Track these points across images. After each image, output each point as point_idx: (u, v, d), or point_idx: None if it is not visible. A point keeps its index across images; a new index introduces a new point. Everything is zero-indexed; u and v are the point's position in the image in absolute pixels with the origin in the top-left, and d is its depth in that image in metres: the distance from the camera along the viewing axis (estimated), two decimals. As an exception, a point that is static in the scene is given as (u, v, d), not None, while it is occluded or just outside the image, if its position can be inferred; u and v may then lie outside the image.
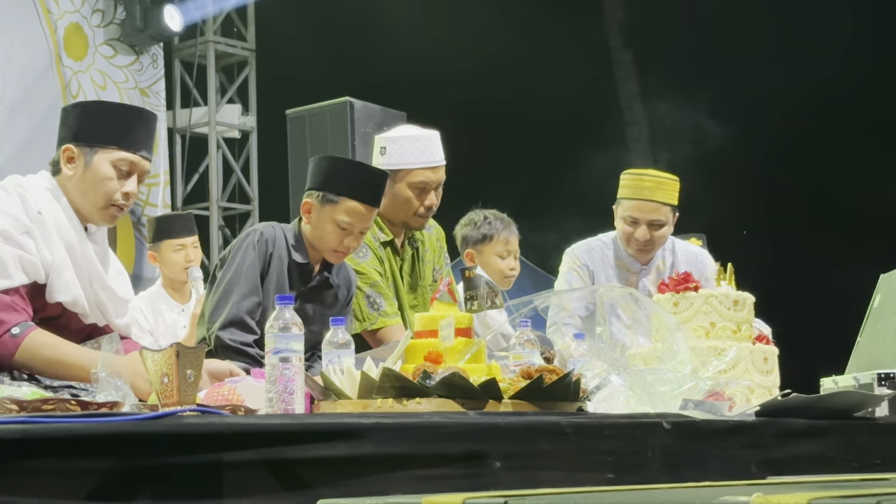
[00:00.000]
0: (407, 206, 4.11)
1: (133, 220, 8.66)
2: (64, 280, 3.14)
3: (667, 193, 4.68)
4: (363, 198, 3.75)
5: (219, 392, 2.80)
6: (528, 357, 3.14)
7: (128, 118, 3.26)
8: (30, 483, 1.88)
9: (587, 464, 2.51)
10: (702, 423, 2.75)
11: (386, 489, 2.19)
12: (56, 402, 2.35)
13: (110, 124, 3.20)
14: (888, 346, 3.74)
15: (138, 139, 3.22)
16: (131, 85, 8.73)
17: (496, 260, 4.77)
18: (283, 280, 3.77)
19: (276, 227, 3.85)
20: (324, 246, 3.79)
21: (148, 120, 3.31)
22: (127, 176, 3.20)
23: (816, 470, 2.78)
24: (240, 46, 9.55)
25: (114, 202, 3.20)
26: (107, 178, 3.17)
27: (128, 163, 3.19)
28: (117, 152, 3.18)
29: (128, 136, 3.20)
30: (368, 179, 3.82)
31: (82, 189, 3.19)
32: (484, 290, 3.12)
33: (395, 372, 2.71)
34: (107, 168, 3.17)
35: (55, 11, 8.23)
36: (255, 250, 3.73)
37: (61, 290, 3.14)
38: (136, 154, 3.20)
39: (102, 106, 3.28)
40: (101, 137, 3.18)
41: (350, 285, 3.96)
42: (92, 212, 3.21)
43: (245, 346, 3.64)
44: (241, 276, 3.70)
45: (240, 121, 9.54)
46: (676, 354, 3.16)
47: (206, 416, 2.32)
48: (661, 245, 4.77)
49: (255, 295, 3.69)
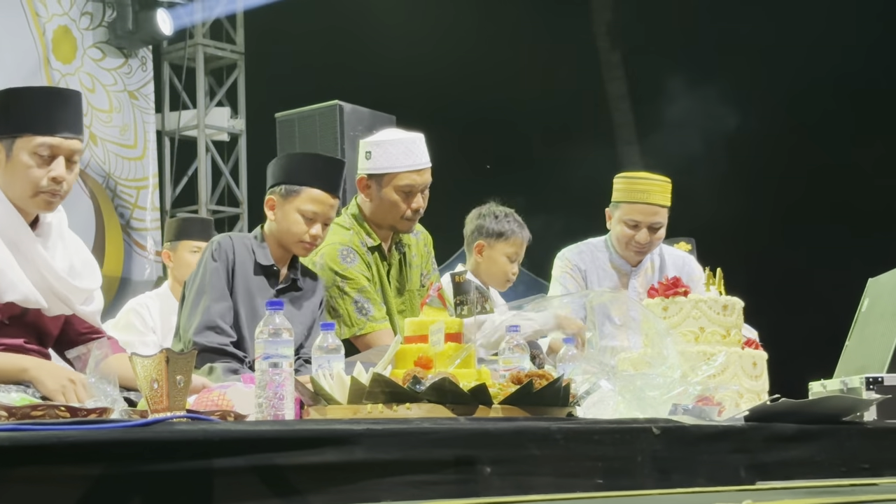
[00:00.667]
0: (394, 210, 4.12)
1: (122, 224, 8.65)
2: (9, 279, 3.11)
3: (663, 196, 4.70)
4: (324, 185, 3.81)
5: (208, 398, 2.80)
6: (517, 362, 3.13)
7: (43, 101, 3.17)
8: (19, 491, 1.88)
9: (577, 469, 2.51)
10: (691, 428, 2.76)
11: (377, 495, 2.19)
12: (45, 409, 2.35)
13: (24, 111, 3.12)
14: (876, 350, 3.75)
15: (56, 120, 3.14)
16: (120, 88, 8.72)
17: (504, 260, 4.71)
18: (251, 284, 3.77)
19: (233, 236, 3.88)
20: (291, 238, 3.81)
21: (67, 98, 3.21)
22: (50, 160, 3.13)
23: (805, 475, 2.79)
24: (229, 49, 9.55)
25: (41, 189, 3.13)
26: (28, 167, 3.11)
27: (47, 147, 3.12)
28: (35, 138, 3.11)
29: (44, 120, 3.12)
30: (327, 168, 3.90)
31: (8, 181, 3.14)
32: (474, 295, 3.12)
33: (385, 377, 2.71)
34: (25, 157, 3.11)
35: (43, 14, 8.21)
36: (215, 259, 3.75)
37: (7, 289, 3.11)
38: (55, 136, 3.12)
39: (13, 93, 3.17)
40: (17, 126, 3.12)
41: (318, 288, 3.96)
42: (24, 201, 3.16)
43: (223, 345, 3.64)
44: (207, 285, 3.71)
45: (229, 124, 9.53)
46: (666, 359, 3.17)
47: (196, 422, 2.32)
48: (657, 246, 4.80)
49: (224, 300, 3.71)
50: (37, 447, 1.92)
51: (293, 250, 3.85)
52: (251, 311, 3.73)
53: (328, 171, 3.88)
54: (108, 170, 8.57)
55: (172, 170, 9.33)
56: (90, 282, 3.34)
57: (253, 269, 3.80)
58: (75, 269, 3.29)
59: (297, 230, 3.80)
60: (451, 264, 4.90)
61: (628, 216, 4.69)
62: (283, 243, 3.84)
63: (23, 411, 2.33)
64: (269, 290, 3.81)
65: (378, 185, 4.10)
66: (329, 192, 3.83)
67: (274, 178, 3.88)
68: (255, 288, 3.78)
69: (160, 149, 9.23)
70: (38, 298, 3.17)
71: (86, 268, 3.34)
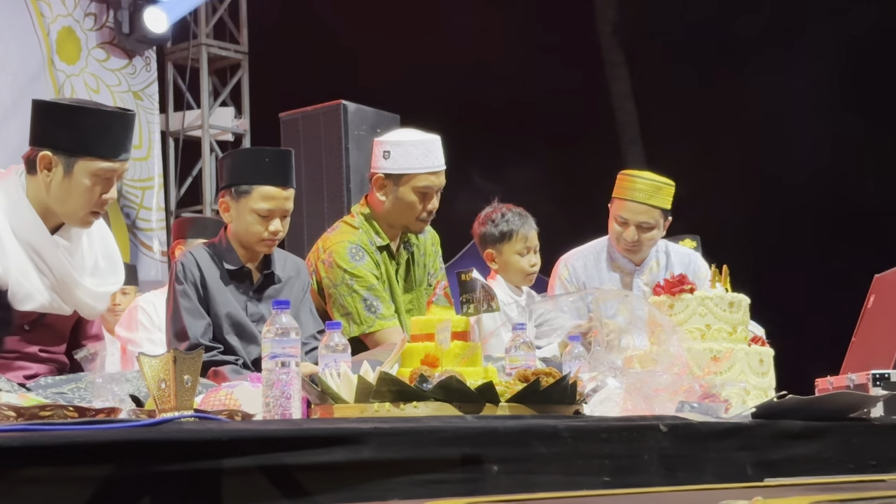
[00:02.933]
0: (410, 211, 4.14)
1: (128, 224, 8.66)
2: (25, 290, 3.12)
3: (658, 197, 4.69)
4: (273, 181, 3.76)
5: (216, 397, 2.81)
6: (524, 360, 3.14)
7: (106, 123, 3.16)
8: (29, 491, 1.89)
9: (584, 467, 2.51)
10: (698, 426, 2.76)
11: (384, 494, 2.20)
12: (54, 409, 2.35)
13: (89, 132, 3.11)
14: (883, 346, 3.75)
15: (117, 144, 3.15)
16: (124, 88, 8.72)
17: (517, 259, 4.72)
18: (225, 293, 3.76)
19: (195, 250, 3.85)
20: (251, 239, 3.78)
21: (126, 121, 3.22)
22: (107, 182, 3.16)
23: (812, 471, 2.79)
24: (233, 49, 9.55)
25: (93, 209, 3.17)
26: (87, 188, 3.13)
27: (110, 171, 3.15)
28: (98, 163, 3.12)
29: (108, 144, 3.13)
30: (274, 162, 3.82)
31: (60, 197, 3.13)
32: (480, 294, 3.13)
33: (392, 376, 2.71)
34: (86, 179, 3.12)
35: (48, 15, 8.22)
36: (181, 281, 3.73)
37: (25, 299, 3.12)
38: (116, 161, 3.15)
39: (79, 111, 3.15)
40: (81, 147, 3.10)
41: (300, 273, 3.93)
42: (71, 218, 3.18)
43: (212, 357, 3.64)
44: (181, 309, 3.69)
45: (233, 124, 9.53)
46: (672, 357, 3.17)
47: (204, 422, 2.32)
48: (650, 247, 4.78)
49: (201, 318, 3.70)
50: (45, 447, 1.93)
51: (256, 249, 3.81)
52: (232, 318, 3.72)
53: (276, 165, 3.80)
54: (113, 170, 8.57)
55: (177, 170, 9.33)
56: (112, 281, 3.32)
57: (222, 278, 3.78)
58: (99, 268, 3.28)
59: (254, 230, 3.75)
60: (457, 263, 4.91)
61: (618, 212, 4.73)
62: (244, 244, 3.81)
63: (31, 412, 2.34)
64: (245, 293, 3.79)
65: (395, 185, 4.12)
66: (280, 185, 3.76)
67: (223, 180, 3.83)
68: (230, 295, 3.76)
69: (165, 149, 9.23)
70: (59, 304, 3.17)
71: (107, 265, 3.32)
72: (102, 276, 3.29)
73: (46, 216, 3.17)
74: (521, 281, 4.74)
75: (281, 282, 3.86)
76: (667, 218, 4.74)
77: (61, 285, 3.17)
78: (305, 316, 3.85)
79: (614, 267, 4.81)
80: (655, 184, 4.71)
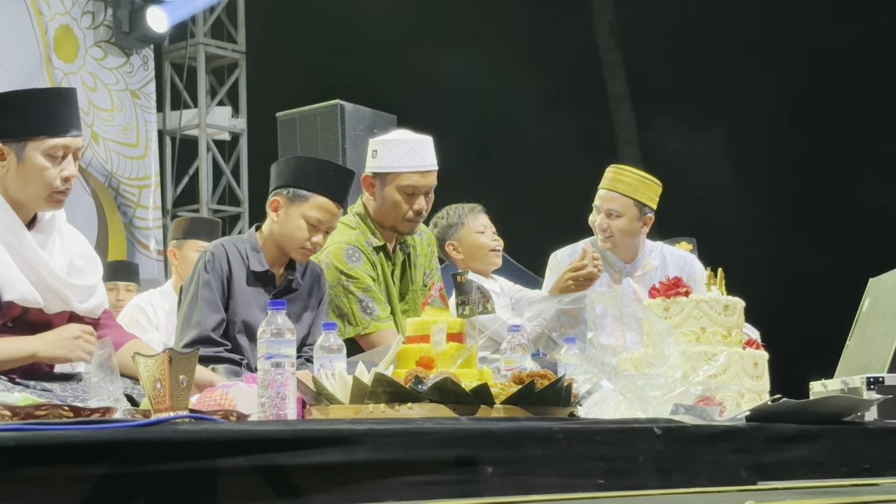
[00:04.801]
0: (395, 210, 4.10)
1: (125, 222, 8.66)
2: (6, 279, 3.12)
3: (633, 188, 4.71)
4: (332, 194, 3.77)
5: (211, 397, 2.81)
6: (519, 362, 3.14)
7: (47, 102, 3.20)
8: (23, 490, 1.89)
9: (578, 469, 2.52)
10: (692, 428, 2.76)
11: (379, 495, 2.20)
12: (49, 409, 2.35)
13: (32, 114, 3.15)
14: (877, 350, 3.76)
15: (64, 120, 3.18)
16: (122, 87, 8.72)
17: (477, 237, 4.77)
18: (247, 294, 3.76)
19: (226, 243, 3.84)
20: (291, 244, 3.78)
21: (68, 97, 3.25)
22: (62, 160, 3.17)
23: (806, 475, 2.79)
24: (230, 49, 9.55)
25: (56, 189, 3.17)
26: (43, 169, 3.14)
27: (60, 147, 3.16)
28: (47, 140, 3.15)
29: (53, 121, 3.16)
30: (337, 177, 3.84)
31: (20, 184, 3.15)
32: (475, 296, 3.13)
33: (387, 377, 2.72)
34: (41, 159, 3.14)
35: (46, 13, 8.22)
36: (208, 271, 3.72)
37: (6, 288, 3.12)
38: (66, 136, 3.17)
39: (18, 96, 3.19)
40: (28, 129, 3.14)
41: (319, 284, 3.93)
42: (36, 202, 3.19)
43: (217, 353, 3.64)
44: (200, 297, 3.69)
45: (230, 123, 9.54)
46: (667, 359, 3.18)
47: (199, 422, 2.32)
48: (623, 238, 4.77)
49: (217, 312, 3.69)
50: (40, 447, 1.93)
51: (292, 255, 3.81)
52: (248, 320, 3.72)
53: (337, 180, 3.82)
54: (110, 169, 8.58)
55: (174, 169, 9.34)
56: (89, 277, 3.33)
57: (247, 279, 3.77)
58: (74, 265, 3.30)
59: (299, 235, 3.75)
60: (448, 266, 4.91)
61: (595, 201, 4.79)
62: (282, 246, 3.79)
63: (26, 411, 2.34)
64: (264, 297, 3.78)
65: (381, 185, 4.09)
66: (336, 201, 3.78)
67: (281, 180, 3.82)
68: (251, 297, 3.75)
69: (161, 148, 9.24)
70: (35, 297, 3.17)
71: (86, 263, 3.34)
72: (81, 273, 3.30)
73: (17, 210, 3.19)
74: (488, 261, 4.76)
75: (300, 289, 3.85)
76: (643, 212, 4.74)
77: (38, 278, 3.18)
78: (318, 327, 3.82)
79: (604, 264, 4.82)
80: (630, 175, 4.75)
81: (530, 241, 5.15)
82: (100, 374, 2.69)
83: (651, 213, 4.76)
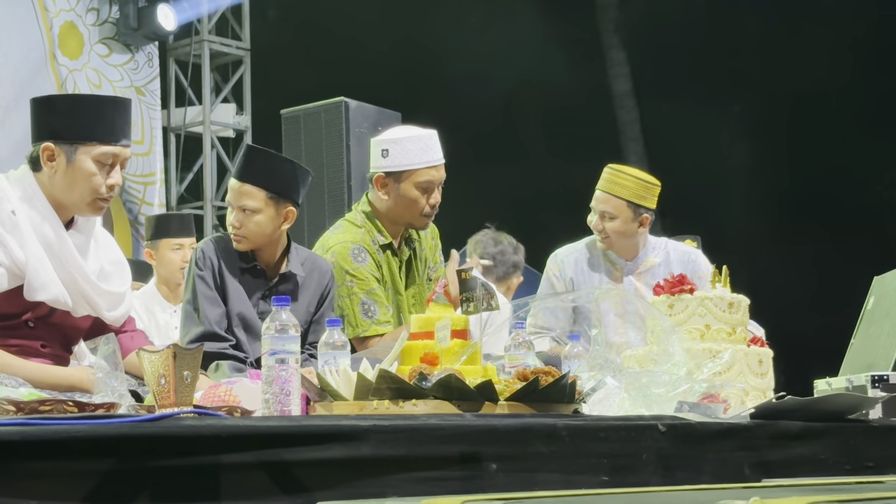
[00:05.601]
0: (414, 207, 4.13)
1: (130, 219, 8.67)
2: (41, 279, 3.13)
3: (626, 189, 4.71)
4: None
5: (215, 393, 2.81)
6: (523, 359, 3.14)
7: (103, 109, 3.23)
8: (28, 485, 1.89)
9: (582, 466, 2.51)
10: (697, 426, 2.76)
11: (383, 491, 2.20)
12: (53, 404, 2.36)
13: (87, 119, 3.18)
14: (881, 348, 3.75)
15: (117, 129, 3.21)
16: (126, 84, 8.73)
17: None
18: (238, 287, 3.77)
19: (213, 239, 3.87)
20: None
21: (123, 107, 3.29)
22: (111, 168, 3.20)
23: (810, 472, 2.79)
24: (234, 46, 9.56)
25: (100, 196, 3.20)
26: (91, 174, 3.16)
27: (111, 156, 3.18)
28: (99, 147, 3.17)
29: (106, 129, 3.18)
30: (245, 159, 3.88)
31: (66, 186, 3.17)
32: (480, 292, 3.13)
33: (392, 373, 2.72)
34: (90, 164, 3.16)
35: (51, 9, 8.22)
36: (201, 268, 3.75)
37: (40, 288, 3.13)
38: (116, 145, 3.19)
39: (75, 100, 3.24)
40: (81, 133, 3.16)
41: (322, 275, 3.92)
42: (79, 206, 3.21)
43: (223, 350, 3.65)
44: (198, 295, 3.71)
45: (234, 120, 9.55)
46: (671, 356, 3.17)
47: (203, 417, 2.33)
48: (620, 239, 4.77)
49: (217, 306, 3.71)
50: (45, 442, 1.93)
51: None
52: (241, 313, 3.73)
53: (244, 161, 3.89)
54: (114, 166, 8.58)
55: (178, 166, 9.35)
56: (118, 284, 3.34)
57: (236, 272, 3.79)
58: (105, 270, 3.31)
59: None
60: (457, 259, 4.90)
61: (592, 201, 4.80)
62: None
63: (31, 406, 2.34)
64: (258, 289, 3.79)
65: (396, 183, 4.11)
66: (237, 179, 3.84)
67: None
68: (242, 290, 3.77)
69: (166, 145, 9.24)
70: (66, 299, 3.19)
71: (115, 268, 3.36)
72: (109, 279, 3.31)
73: (58, 211, 3.20)
74: None
75: (298, 282, 3.85)
76: (638, 213, 4.73)
77: (72, 280, 3.19)
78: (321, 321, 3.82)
79: (605, 261, 4.82)
80: (626, 176, 4.75)
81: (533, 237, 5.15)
82: (104, 369, 2.69)
83: (648, 213, 4.75)
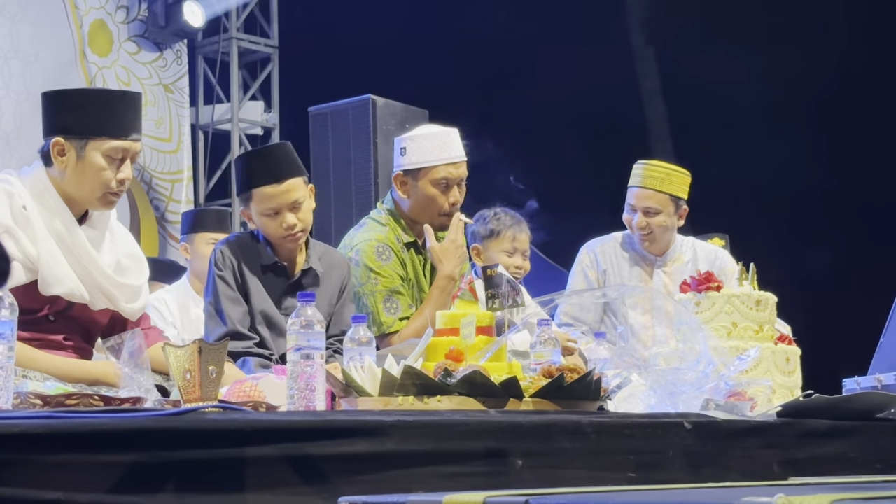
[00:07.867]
0: (432, 205, 4.11)
1: (157, 217, 8.70)
2: (55, 273, 3.14)
3: (666, 183, 4.69)
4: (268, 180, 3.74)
5: (240, 388, 2.82)
6: (549, 356, 3.13)
7: (113, 104, 3.23)
8: (54, 476, 1.90)
9: (608, 463, 2.51)
10: (723, 424, 2.75)
11: (407, 486, 2.20)
12: (80, 398, 2.37)
13: (97, 113, 3.18)
14: (911, 347, 3.72)
15: (127, 124, 3.21)
16: (155, 81, 8.77)
17: (502, 256, 4.68)
18: (259, 285, 3.77)
19: (232, 239, 3.87)
20: (274, 239, 3.76)
21: (133, 101, 3.28)
22: (121, 163, 3.20)
23: (838, 471, 2.77)
24: (263, 43, 9.58)
25: (110, 190, 3.20)
26: (101, 169, 3.17)
27: (121, 150, 3.18)
28: (109, 141, 3.17)
29: (116, 123, 3.18)
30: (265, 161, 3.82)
31: (76, 180, 3.18)
32: (505, 289, 3.12)
33: (416, 370, 2.72)
34: (100, 159, 3.16)
35: (82, 7, 8.27)
36: (220, 268, 3.74)
37: (54, 283, 3.14)
38: (126, 140, 3.19)
39: (85, 94, 3.24)
40: (91, 128, 3.16)
41: (339, 268, 3.90)
42: (90, 200, 3.22)
43: (247, 349, 3.65)
44: (219, 294, 3.71)
45: (262, 118, 9.57)
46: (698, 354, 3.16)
47: (228, 412, 2.33)
48: (664, 234, 4.75)
49: (239, 304, 3.71)
50: (71, 434, 1.94)
51: (284, 245, 3.78)
52: (264, 310, 3.73)
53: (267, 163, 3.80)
54: (143, 163, 8.62)
55: (206, 163, 9.37)
56: (136, 278, 3.35)
57: (257, 270, 3.79)
58: (121, 264, 3.32)
59: (271, 231, 3.74)
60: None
61: (628, 199, 4.76)
62: (273, 243, 3.79)
63: (57, 400, 2.35)
64: (280, 286, 3.79)
65: (414, 181, 4.10)
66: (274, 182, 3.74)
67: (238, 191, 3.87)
68: (264, 287, 3.77)
69: (194, 142, 9.27)
70: (82, 293, 3.19)
71: (132, 262, 3.36)
72: (126, 272, 3.32)
73: (70, 205, 3.21)
74: None
75: (318, 277, 3.85)
76: (679, 205, 4.72)
77: (87, 274, 3.20)
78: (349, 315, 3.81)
79: (635, 257, 4.80)
80: (667, 171, 4.72)
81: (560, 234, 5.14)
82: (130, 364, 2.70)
83: (685, 204, 4.75)
